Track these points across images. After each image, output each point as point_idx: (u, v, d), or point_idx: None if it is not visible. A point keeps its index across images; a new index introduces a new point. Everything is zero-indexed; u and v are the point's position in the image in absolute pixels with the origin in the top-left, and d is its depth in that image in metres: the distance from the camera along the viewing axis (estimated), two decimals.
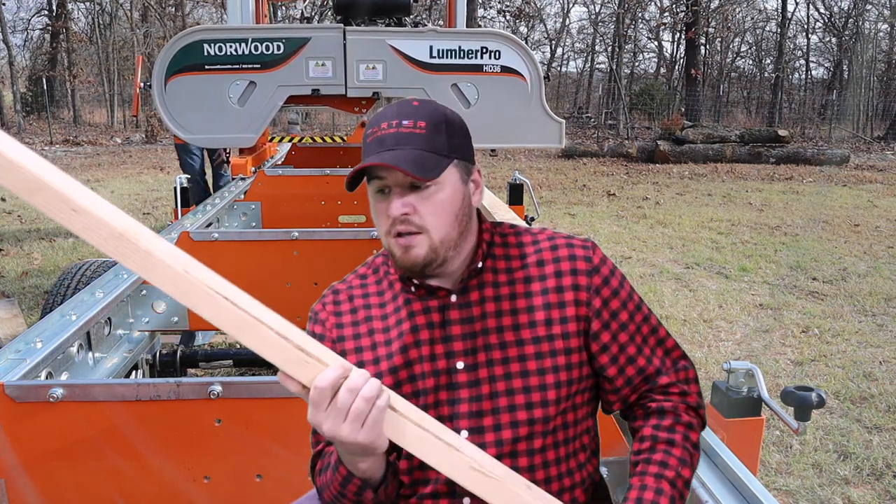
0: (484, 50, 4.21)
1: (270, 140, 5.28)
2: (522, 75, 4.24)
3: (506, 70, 4.22)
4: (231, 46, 4.09)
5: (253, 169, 4.95)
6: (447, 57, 4.19)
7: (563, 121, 4.38)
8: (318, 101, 4.42)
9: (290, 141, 5.30)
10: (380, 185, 1.16)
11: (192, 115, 4.18)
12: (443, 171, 1.14)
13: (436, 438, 0.98)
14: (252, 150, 5.04)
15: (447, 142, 1.17)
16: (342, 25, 4.25)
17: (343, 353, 1.23)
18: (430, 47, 4.17)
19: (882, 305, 5.45)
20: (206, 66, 4.10)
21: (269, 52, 4.12)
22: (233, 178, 4.91)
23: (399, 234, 1.14)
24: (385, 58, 4.17)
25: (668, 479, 1.15)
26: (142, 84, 4.46)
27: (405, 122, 1.15)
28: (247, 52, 4.10)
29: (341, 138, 4.94)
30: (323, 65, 4.14)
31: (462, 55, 4.19)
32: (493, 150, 5.27)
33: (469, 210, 1.21)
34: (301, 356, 0.94)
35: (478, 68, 4.21)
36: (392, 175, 1.13)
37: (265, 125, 4.27)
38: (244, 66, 4.11)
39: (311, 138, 5.21)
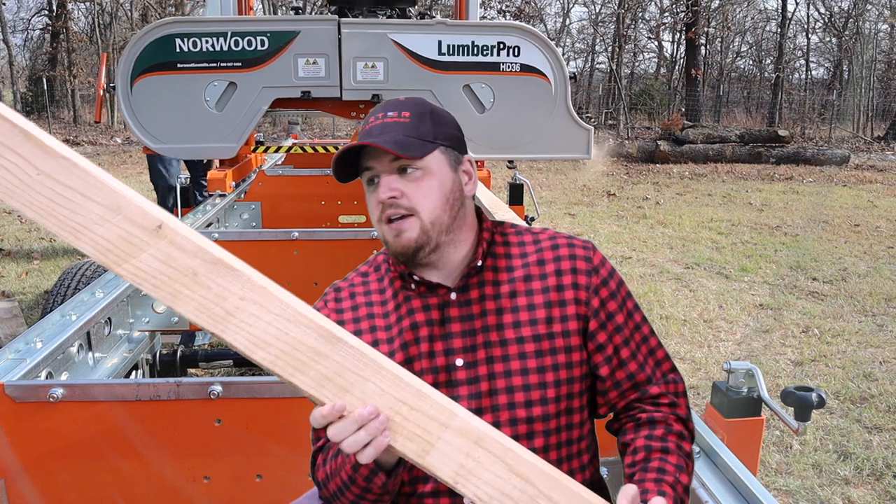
0: (501, 45, 3.68)
1: (254, 150, 4.57)
2: (545, 75, 3.73)
3: (526, 69, 3.71)
4: (207, 41, 3.56)
5: (233, 184, 4.32)
6: (458, 54, 3.68)
7: (592, 128, 3.91)
8: (308, 104, 3.91)
9: (276, 150, 4.72)
10: (368, 175, 1.20)
11: (162, 122, 3.65)
12: (427, 154, 1.18)
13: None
14: (233, 161, 4.38)
15: (432, 129, 1.21)
16: (337, 17, 3.74)
17: None
18: (439, 42, 3.67)
19: (882, 305, 5.45)
20: (179, 65, 3.58)
21: (252, 48, 3.59)
22: (209, 195, 4.18)
23: (390, 220, 1.18)
24: (386, 55, 3.67)
25: (668, 482, 1.13)
26: (105, 85, 3.91)
27: (390, 114, 1.20)
28: (226, 47, 3.57)
29: (335, 148, 4.42)
30: (314, 63, 3.64)
31: (476, 52, 3.68)
32: (510, 162, 4.81)
33: (461, 197, 1.23)
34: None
35: (494, 67, 3.70)
36: (378, 162, 1.18)
37: (247, 133, 3.76)
38: (223, 64, 3.60)
39: (301, 148, 4.62)
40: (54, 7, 23.83)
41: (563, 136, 3.82)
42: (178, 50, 3.57)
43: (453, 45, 3.68)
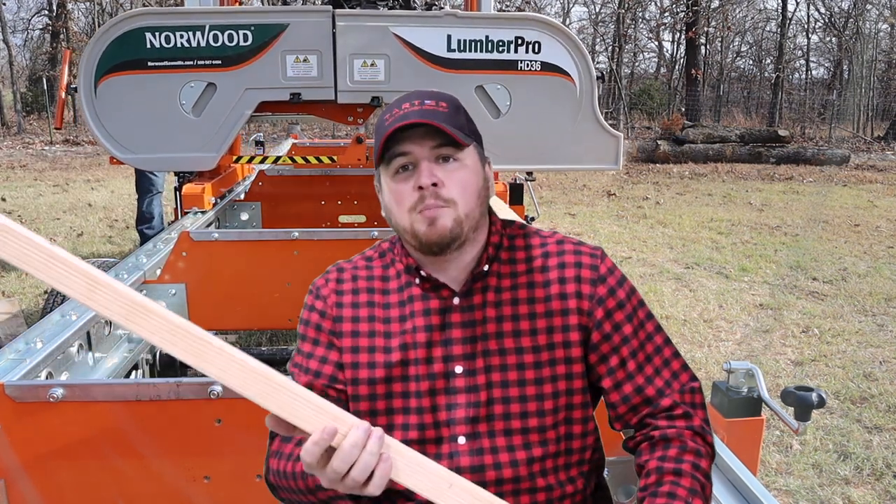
0: (519, 41, 3.28)
1: (237, 160, 3.99)
2: (569, 75, 3.33)
3: (547, 68, 3.31)
4: (182, 36, 3.16)
5: (213, 199, 3.74)
6: (470, 50, 3.29)
7: (621, 135, 3.49)
8: (299, 108, 3.47)
9: (262, 161, 4.13)
10: (402, 161, 1.14)
11: (131, 129, 3.25)
12: (468, 146, 1.16)
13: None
14: (213, 173, 3.82)
15: (466, 124, 1.19)
16: (331, 8, 3.32)
17: (339, 334, 1.21)
18: (448, 37, 3.27)
19: (882, 305, 5.45)
20: (150, 63, 3.19)
21: (234, 43, 3.19)
22: (185, 213, 3.63)
23: (424, 210, 1.13)
24: (388, 51, 3.28)
25: None
26: (67, 86, 3.43)
27: (427, 102, 1.15)
28: (204, 43, 3.18)
29: (330, 158, 3.91)
30: (305, 60, 3.25)
31: (490, 48, 3.29)
32: (529, 174, 4.28)
33: (488, 194, 1.22)
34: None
35: (511, 65, 3.30)
36: (420, 147, 1.13)
37: (229, 141, 3.35)
38: (200, 62, 3.21)
39: (291, 158, 4.10)
40: (54, 7, 23.82)
41: (590, 144, 3.40)
42: (148, 46, 3.16)
43: (464, 41, 3.28)
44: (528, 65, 3.32)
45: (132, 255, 3.03)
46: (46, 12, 24.85)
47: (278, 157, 4.12)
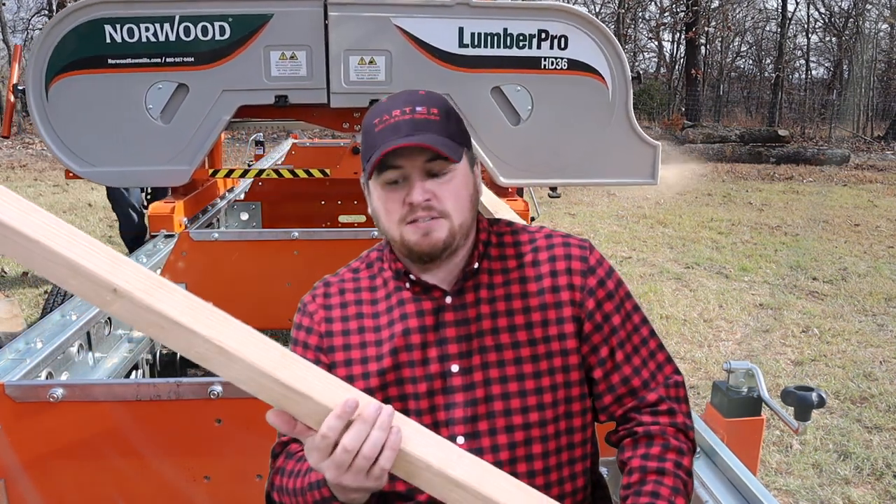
0: (542, 35, 2.86)
1: (213, 174, 3.45)
2: (600, 75, 2.93)
3: (575, 66, 2.91)
4: (149, 29, 2.73)
5: (185, 220, 3.23)
6: (486, 45, 2.87)
7: (659, 144, 3.10)
8: (285, 113, 3.06)
9: (242, 175, 3.49)
10: (395, 174, 1.13)
11: (89, 137, 2.83)
12: (461, 157, 1.15)
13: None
14: (187, 189, 3.32)
15: (458, 129, 1.18)
16: None
17: (330, 349, 1.21)
18: (460, 30, 2.86)
19: (882, 305, 5.45)
20: (111, 61, 2.76)
21: (209, 37, 2.76)
22: (152, 236, 3.11)
23: (415, 221, 1.13)
24: (389, 46, 2.87)
25: None
26: (14, 87, 3.01)
27: (419, 109, 1.13)
28: (173, 37, 2.75)
29: (322, 171, 3.42)
30: (292, 57, 2.84)
31: (509, 43, 2.87)
32: (553, 189, 3.32)
33: (478, 196, 1.22)
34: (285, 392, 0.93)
35: (533, 63, 2.90)
36: (411, 162, 1.12)
37: (204, 151, 2.92)
38: (170, 59, 2.78)
39: (277, 172, 3.50)
40: (54, 7, 23.81)
41: (623, 155, 3.02)
42: (108, 40, 2.74)
43: (479, 34, 2.86)
44: (552, 63, 2.92)
45: (132, 256, 3.03)
46: (46, 12, 24.85)
47: (261, 171, 3.59)
